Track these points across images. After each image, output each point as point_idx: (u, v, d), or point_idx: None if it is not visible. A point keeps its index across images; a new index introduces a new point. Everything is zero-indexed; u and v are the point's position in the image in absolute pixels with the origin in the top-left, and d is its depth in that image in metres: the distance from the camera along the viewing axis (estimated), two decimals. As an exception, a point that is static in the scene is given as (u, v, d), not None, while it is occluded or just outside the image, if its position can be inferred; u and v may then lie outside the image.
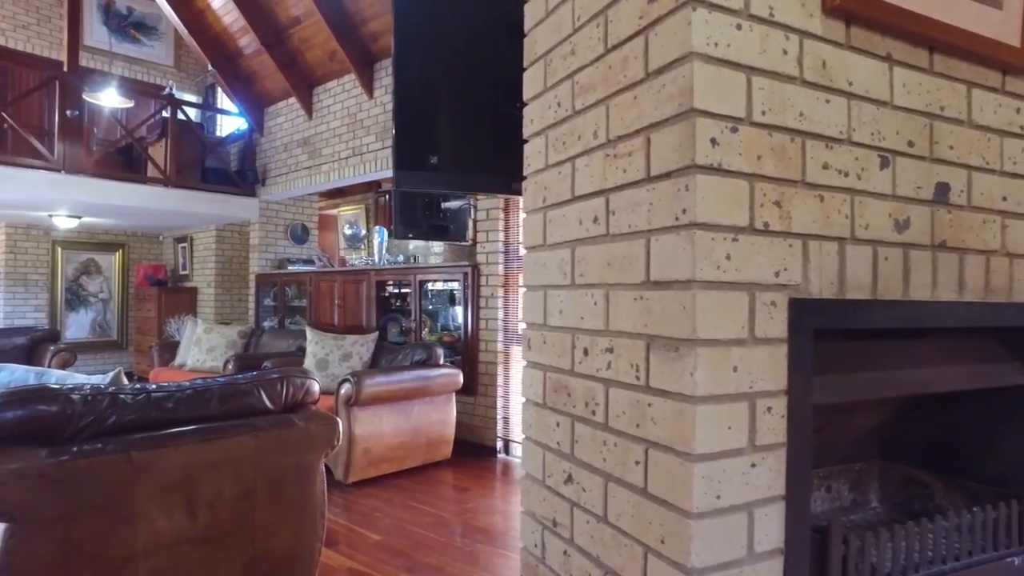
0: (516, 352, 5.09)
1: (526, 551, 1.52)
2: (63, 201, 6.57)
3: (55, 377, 2.38)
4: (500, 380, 5.03)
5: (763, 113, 1.08)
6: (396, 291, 6.02)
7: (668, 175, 1.07)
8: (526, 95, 1.56)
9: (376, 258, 6.03)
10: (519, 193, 2.08)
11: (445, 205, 5.34)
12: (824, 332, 1.11)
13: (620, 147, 1.19)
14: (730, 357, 1.04)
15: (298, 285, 6.95)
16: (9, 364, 2.43)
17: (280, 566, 2.63)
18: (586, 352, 1.28)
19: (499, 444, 5.04)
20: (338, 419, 2.74)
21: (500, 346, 5.02)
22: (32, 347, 6.15)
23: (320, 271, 6.70)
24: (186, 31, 7.11)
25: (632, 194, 1.15)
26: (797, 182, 1.11)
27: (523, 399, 1.56)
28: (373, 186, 8.42)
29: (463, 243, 5.99)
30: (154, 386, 2.31)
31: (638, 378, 1.12)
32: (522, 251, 4.85)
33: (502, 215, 5.05)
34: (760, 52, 1.07)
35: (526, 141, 1.57)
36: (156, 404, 2.25)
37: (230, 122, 8.90)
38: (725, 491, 1.02)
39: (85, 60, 7.77)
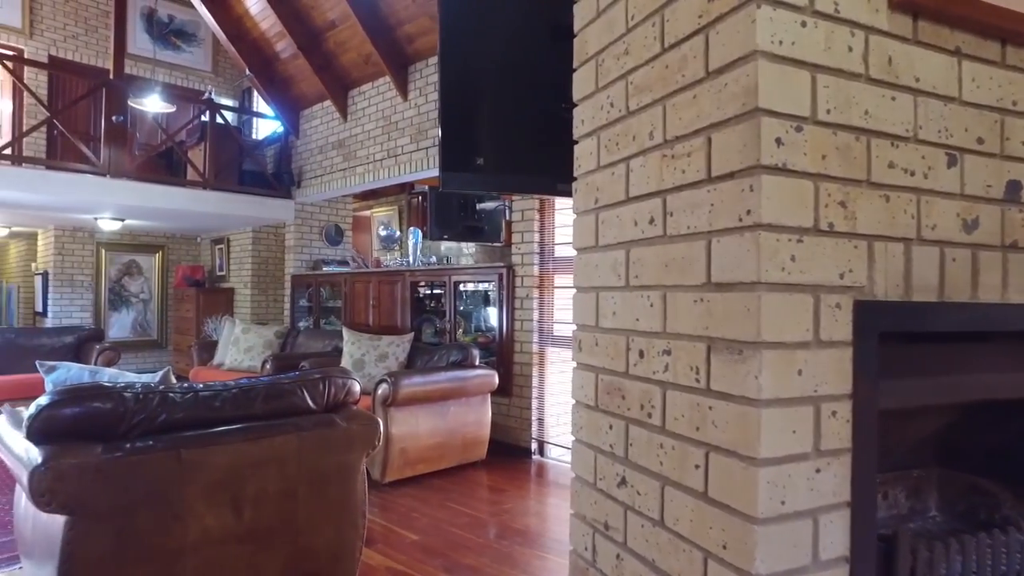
0: (551, 353, 5.09)
1: (576, 554, 1.51)
2: (108, 204, 6.74)
3: (107, 376, 2.45)
4: (535, 381, 5.03)
5: (828, 112, 1.06)
6: (430, 292, 6.05)
7: (731, 175, 1.05)
8: (576, 96, 1.56)
9: (411, 259, 6.07)
10: (564, 194, 2.08)
11: (480, 206, 5.37)
12: (889, 335, 1.09)
13: (678, 148, 1.18)
14: (795, 360, 1.02)
15: (333, 286, 7.03)
16: (65, 362, 2.51)
17: (322, 565, 2.66)
18: (642, 354, 1.27)
19: (534, 445, 5.04)
20: (378, 419, 2.76)
21: (535, 347, 5.02)
22: (79, 345, 6.33)
23: (355, 272, 6.77)
24: (225, 37, 7.24)
25: (691, 195, 1.14)
26: (862, 182, 1.08)
27: (573, 401, 1.55)
28: (406, 187, 8.48)
29: (497, 244, 6.01)
30: (201, 385, 2.36)
31: (698, 381, 1.11)
32: (558, 252, 4.84)
33: (537, 216, 5.04)
34: (825, 49, 1.05)
35: (576, 142, 1.56)
36: (204, 403, 2.30)
37: (266, 125, 9.05)
38: (790, 497, 1.00)
39: (129, 67, 7.95)
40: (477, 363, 4.67)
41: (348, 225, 8.07)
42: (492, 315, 5.65)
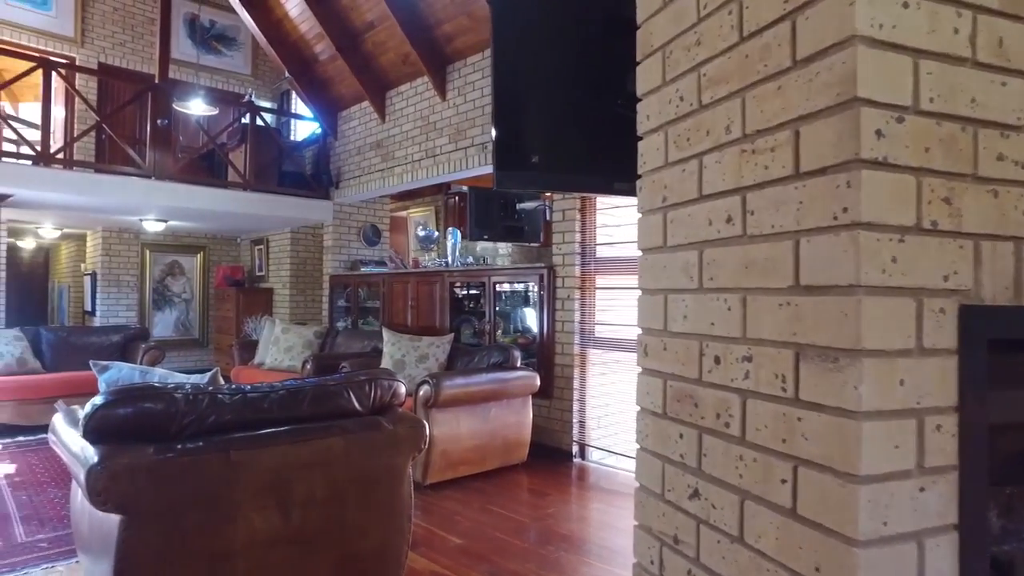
0: (593, 355, 5.01)
1: (640, 567, 1.45)
2: (152, 206, 6.86)
3: (157, 376, 2.46)
4: (576, 383, 4.96)
5: (931, 100, 0.98)
6: (469, 292, 6.02)
7: (823, 171, 0.98)
8: (641, 90, 1.49)
9: (449, 259, 6.04)
10: (622, 193, 2.01)
11: (520, 206, 5.32)
12: (998, 342, 1.00)
13: (760, 142, 1.10)
14: (896, 369, 0.94)
15: (371, 286, 7.06)
16: (117, 362, 2.53)
17: (368, 568, 2.63)
18: (717, 360, 1.20)
19: (575, 448, 4.97)
20: (424, 422, 2.72)
21: (576, 348, 4.95)
22: (125, 344, 6.46)
23: (393, 272, 6.78)
24: (264, 40, 7.33)
25: (776, 192, 1.06)
26: (968, 176, 1.00)
27: (638, 408, 1.49)
28: (443, 188, 8.48)
29: (534, 245, 5.96)
30: (249, 387, 2.35)
31: (784, 390, 1.04)
32: (599, 252, 4.76)
33: (578, 216, 4.97)
34: (928, 32, 0.97)
35: (640, 138, 1.50)
36: (252, 404, 2.29)
37: (304, 127, 9.14)
38: (892, 517, 0.93)
39: (173, 72, 8.11)
40: (518, 364, 4.62)
41: (385, 226, 8.10)
42: (531, 316, 5.60)
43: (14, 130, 6.47)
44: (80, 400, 2.37)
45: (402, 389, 2.73)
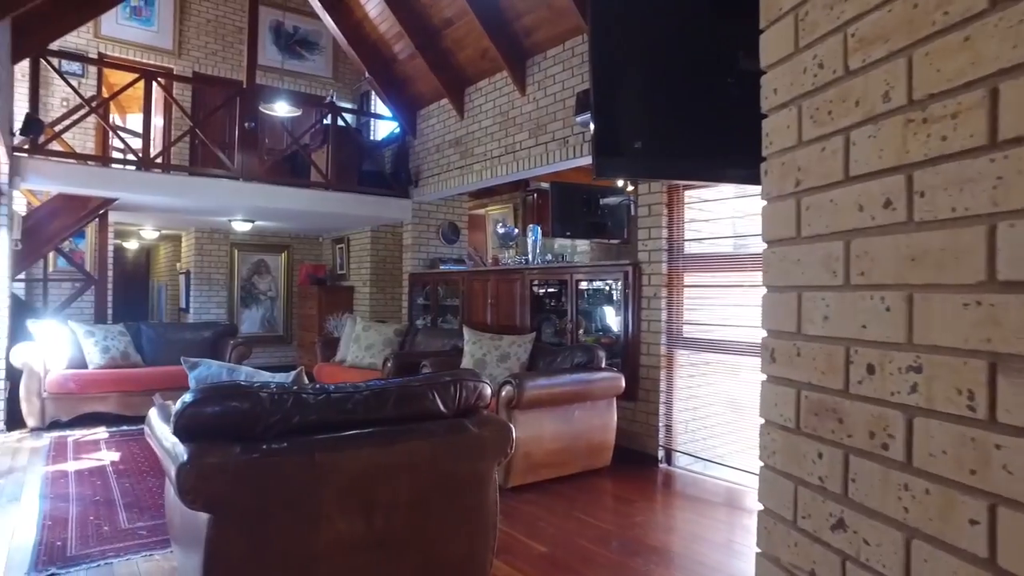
0: (680, 356, 4.78)
1: (766, 603, 1.27)
2: (240, 206, 7.08)
3: (243, 375, 2.46)
4: (662, 385, 4.75)
5: None
6: (550, 290, 5.89)
7: (1030, 137, 0.78)
8: (765, 60, 1.31)
9: (530, 257, 5.93)
10: (735, 180, 1.83)
11: (604, 202, 5.14)
12: None
13: (934, 108, 0.91)
14: None
15: (450, 284, 7.04)
16: (206, 359, 2.56)
17: (452, 576, 2.55)
18: (871, 370, 1.02)
19: (660, 453, 4.76)
20: (511, 425, 2.61)
21: (663, 349, 4.73)
22: (215, 340, 6.69)
23: (473, 270, 6.73)
24: (345, 41, 7.43)
25: (959, 168, 0.87)
26: None
27: (761, 420, 1.31)
28: (521, 185, 8.38)
29: (614, 241, 5.76)
30: (333, 387, 2.30)
31: (972, 409, 0.85)
32: (687, 249, 4.52)
33: (665, 211, 4.75)
34: None
35: (764, 116, 1.32)
36: (336, 405, 2.23)
37: (384, 127, 9.25)
38: None
39: (259, 78, 8.35)
40: (603, 365, 4.45)
41: (464, 224, 8.08)
42: (614, 315, 5.41)
43: (121, 139, 6.82)
44: (174, 393, 2.39)
45: (487, 391, 2.62)
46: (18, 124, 5.88)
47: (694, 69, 1.77)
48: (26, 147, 5.87)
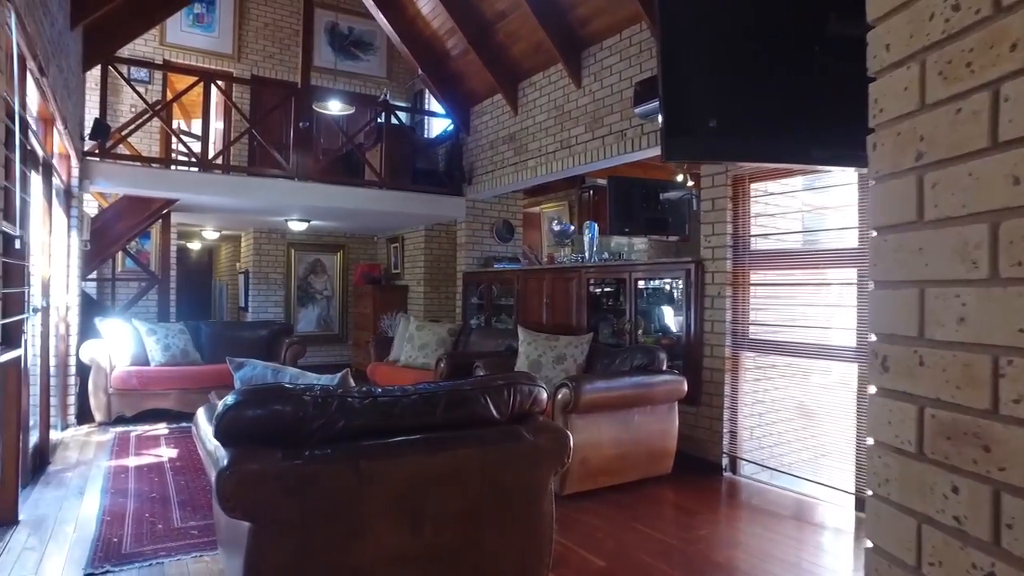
0: (745, 359, 4.51)
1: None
2: (296, 206, 7.13)
3: (288, 376, 2.36)
4: (727, 389, 4.49)
5: None
6: (607, 289, 5.68)
7: None
8: (874, 12, 1.10)
9: (587, 254, 5.73)
10: (820, 162, 1.61)
11: (664, 196, 4.91)
12: None
13: None
14: None
15: (504, 283, 6.90)
16: (251, 360, 2.48)
17: (506, 592, 2.39)
18: (1032, 386, 0.81)
19: (724, 461, 4.50)
20: (568, 433, 2.44)
21: (727, 351, 4.47)
22: (272, 338, 6.74)
23: (528, 269, 6.58)
24: (398, 38, 7.38)
25: None
26: None
27: (871, 440, 1.10)
28: (576, 182, 8.19)
29: (672, 238, 5.51)
30: (380, 390, 2.17)
31: None
32: (754, 245, 4.25)
33: (729, 205, 4.49)
34: None
35: (872, 79, 1.11)
36: (382, 409, 2.10)
37: (437, 125, 9.20)
38: None
39: (315, 79, 8.44)
40: (664, 368, 4.23)
41: (518, 222, 7.94)
42: (675, 315, 5.17)
43: (182, 141, 6.96)
44: (230, 391, 2.32)
45: (543, 395, 2.46)
46: (88, 130, 6.05)
47: (775, 37, 1.56)
48: (95, 151, 6.03)
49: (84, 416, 5.74)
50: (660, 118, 1.56)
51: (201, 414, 2.42)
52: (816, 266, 4.23)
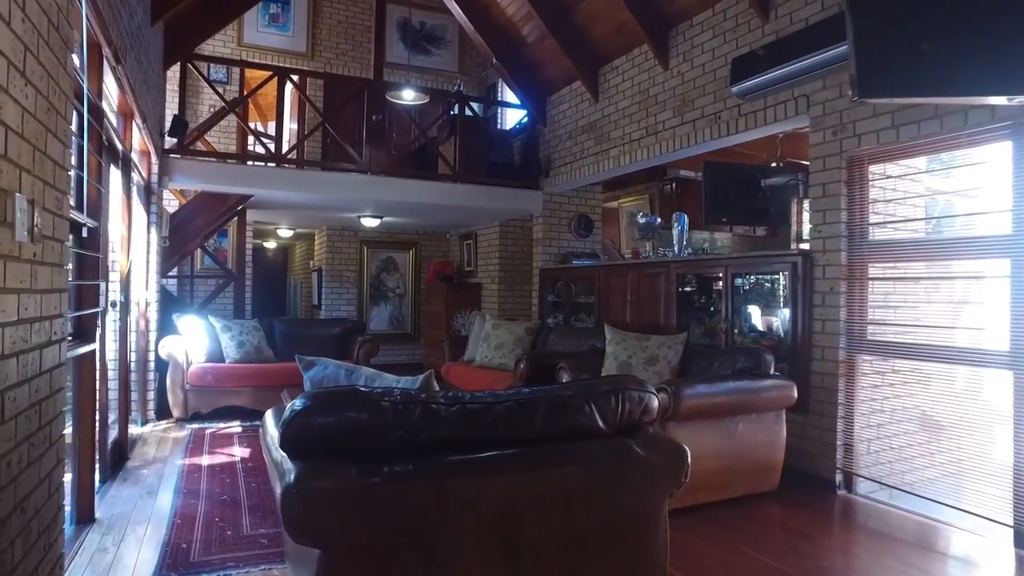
0: (862, 363, 4.00)
1: None
2: (368, 201, 6.99)
3: (363, 377, 2.09)
4: (840, 397, 3.99)
5: None
6: (698, 286, 5.24)
7: None
8: None
9: (675, 249, 5.31)
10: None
11: (766, 183, 4.45)
12: None
13: None
14: None
15: (584, 280, 6.54)
16: (323, 358, 2.23)
17: (612, 631, 2.05)
18: None
19: (838, 477, 4.00)
20: (686, 448, 2.07)
21: (841, 354, 3.98)
22: (344, 337, 6.61)
23: (610, 264, 6.21)
24: (472, 27, 7.14)
25: None
26: None
27: None
28: (658, 174, 7.75)
29: (760, 235, 5.02)
30: (468, 395, 1.87)
31: None
32: (874, 235, 3.74)
33: (844, 190, 3.99)
34: None
35: None
36: (472, 418, 1.79)
37: (512, 118, 8.94)
38: None
39: (387, 75, 8.37)
40: (771, 372, 3.79)
41: (597, 216, 7.56)
42: (776, 314, 4.69)
43: (257, 138, 6.95)
44: (302, 391, 2.09)
45: (655, 403, 2.11)
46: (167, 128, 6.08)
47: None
48: (174, 148, 6.05)
49: (163, 412, 5.74)
50: (851, 48, 1.18)
51: (269, 417, 2.18)
52: (950, 257, 3.70)
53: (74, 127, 3.21)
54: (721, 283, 4.81)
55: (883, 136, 3.73)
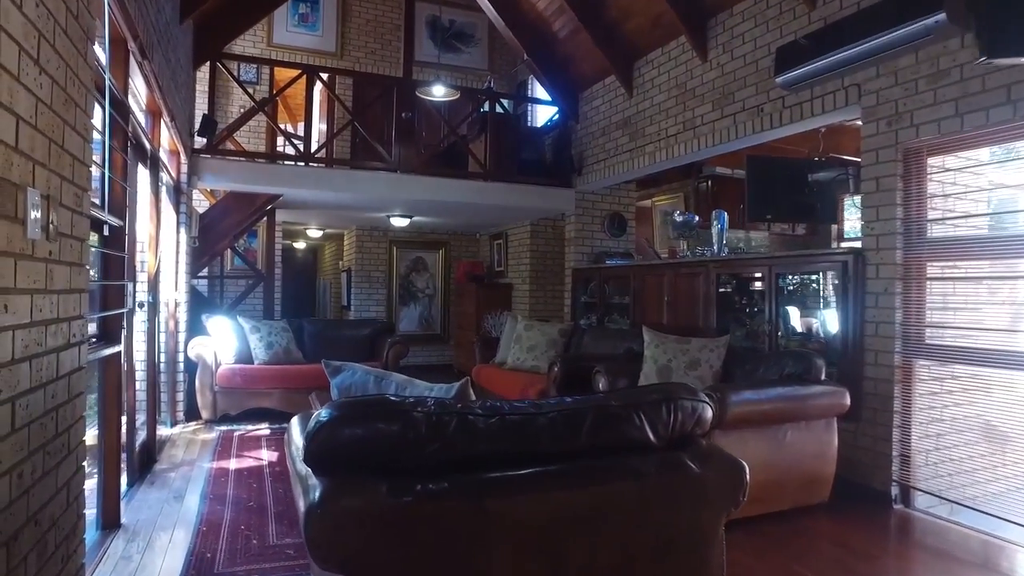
0: (921, 368, 3.76)
1: None
2: (398, 200, 6.89)
3: (394, 384, 1.94)
4: (896, 404, 3.76)
5: None
6: (736, 286, 5.02)
7: None
8: None
9: (715, 248, 5.09)
10: None
11: (813, 178, 4.22)
12: None
13: None
14: None
15: (618, 280, 6.36)
16: (351, 363, 2.09)
17: (663, 663, 1.88)
18: None
19: (894, 490, 3.76)
20: (744, 464, 1.89)
21: (897, 359, 3.74)
22: (373, 338, 6.52)
23: (646, 264, 6.01)
24: (503, 23, 7.00)
25: None
26: None
27: None
28: (692, 172, 7.53)
29: (799, 232, 4.78)
30: (507, 405, 1.72)
31: None
32: (933, 232, 3.50)
33: (899, 184, 3.76)
34: None
35: None
36: (512, 431, 1.64)
37: (542, 115, 8.78)
38: None
39: (416, 73, 8.24)
40: (822, 377, 3.57)
41: (631, 215, 7.36)
42: (821, 315, 4.46)
43: (286, 137, 6.91)
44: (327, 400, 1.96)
45: (708, 413, 1.94)
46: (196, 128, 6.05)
47: None
48: (203, 148, 6.02)
49: (192, 413, 5.70)
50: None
51: (295, 425, 2.06)
52: (1015, 256, 3.45)
53: (98, 123, 3.16)
54: (763, 283, 4.59)
55: (945, 126, 3.48)
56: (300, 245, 12.53)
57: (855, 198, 4.81)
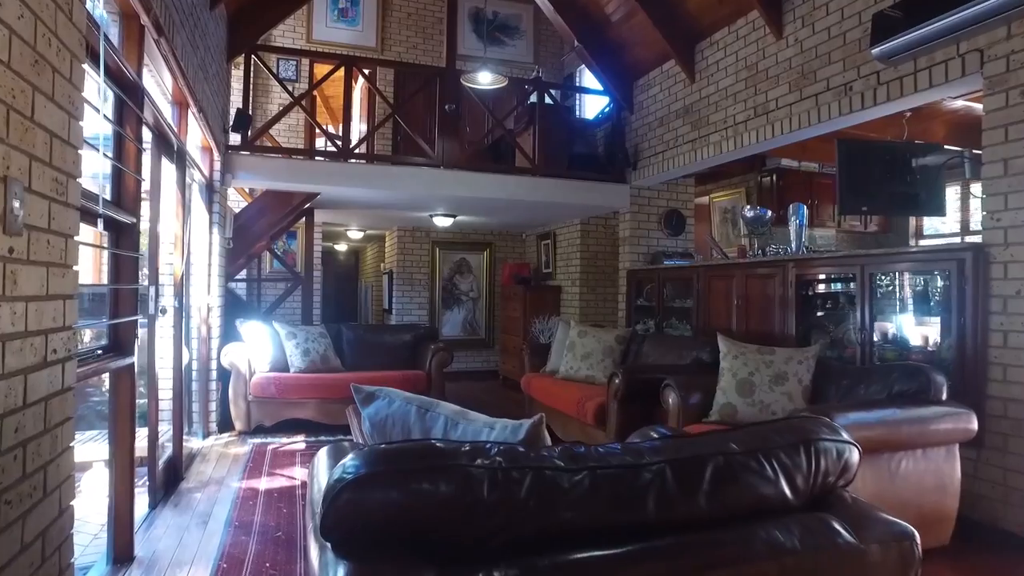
0: (1062, 386, 3.16)
1: None
2: (441, 197, 6.51)
3: (442, 420, 1.46)
4: (1031, 429, 3.16)
5: None
6: (818, 289, 4.46)
7: None
8: None
9: (793, 246, 4.54)
10: None
11: (918, 163, 3.64)
12: None
13: None
14: None
15: (677, 282, 5.83)
16: (387, 389, 1.65)
17: None
18: None
19: (1028, 532, 3.17)
20: (915, 530, 1.40)
21: (1031, 375, 3.15)
22: (416, 343, 6.14)
23: (712, 264, 5.47)
24: (551, 8, 6.54)
25: None
26: None
27: None
28: (755, 165, 6.96)
29: (858, 229, 4.18)
30: (594, 451, 1.26)
31: None
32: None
33: (1031, 167, 3.17)
34: None
35: None
36: (607, 491, 1.18)
37: (592, 108, 8.31)
38: None
39: (460, 67, 7.87)
40: (943, 397, 3.01)
41: (689, 212, 6.81)
42: (924, 322, 3.88)
43: (324, 132, 6.59)
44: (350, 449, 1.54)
45: (856, 457, 1.47)
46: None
47: None
48: (237, 145, 5.74)
49: (226, 424, 5.40)
50: None
51: (321, 463, 1.63)
52: None
53: (110, 110, 2.83)
54: (853, 284, 4.02)
55: (1097, 95, 2.90)
56: (342, 247, 12.30)
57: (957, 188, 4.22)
